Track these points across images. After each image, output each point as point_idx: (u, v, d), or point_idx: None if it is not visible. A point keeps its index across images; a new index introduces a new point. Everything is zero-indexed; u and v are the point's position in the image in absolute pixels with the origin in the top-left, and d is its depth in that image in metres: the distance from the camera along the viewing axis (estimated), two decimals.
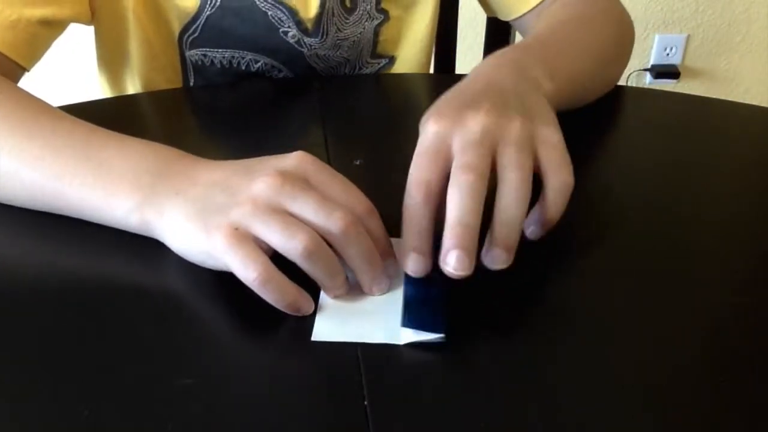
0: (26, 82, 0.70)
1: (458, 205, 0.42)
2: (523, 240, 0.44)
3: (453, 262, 0.41)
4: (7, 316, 0.44)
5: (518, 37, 1.02)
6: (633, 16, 0.74)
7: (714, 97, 0.73)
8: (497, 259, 0.43)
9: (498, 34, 1.00)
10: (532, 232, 0.46)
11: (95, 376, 0.39)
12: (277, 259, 0.42)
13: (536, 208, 0.46)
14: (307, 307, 0.43)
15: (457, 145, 0.45)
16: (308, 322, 0.43)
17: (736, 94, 2.12)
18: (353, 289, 0.45)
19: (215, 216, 0.44)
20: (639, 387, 0.39)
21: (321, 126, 0.65)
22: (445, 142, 0.45)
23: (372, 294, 0.44)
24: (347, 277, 0.44)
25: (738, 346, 0.42)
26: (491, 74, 0.53)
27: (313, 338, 0.42)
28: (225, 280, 0.44)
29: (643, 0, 1.99)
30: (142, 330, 0.43)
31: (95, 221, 0.49)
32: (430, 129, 0.46)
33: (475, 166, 0.43)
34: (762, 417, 0.38)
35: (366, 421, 0.37)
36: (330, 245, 0.43)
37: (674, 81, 2.08)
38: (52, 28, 0.65)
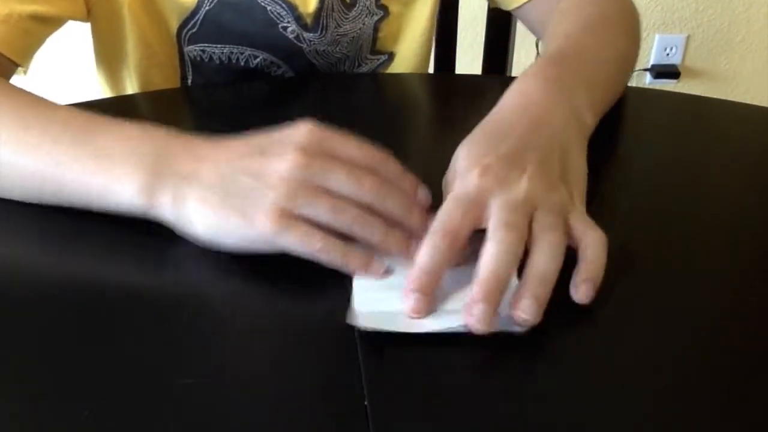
0: (25, 82, 0.70)
1: (494, 258, 0.42)
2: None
3: (477, 314, 0.40)
4: (7, 316, 0.44)
5: (518, 36, 1.02)
6: None
7: (714, 97, 0.73)
8: (527, 309, 0.41)
9: (498, 34, 1.00)
10: (581, 292, 0.43)
11: (95, 376, 0.39)
12: None
13: (579, 268, 0.44)
14: (378, 266, 0.45)
15: (498, 203, 0.45)
16: (309, 321, 0.43)
17: (736, 94, 2.12)
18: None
19: (249, 202, 0.44)
20: (639, 387, 0.39)
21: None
22: (485, 197, 0.45)
23: (406, 252, 0.45)
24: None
25: (738, 346, 0.42)
26: (538, 107, 0.53)
27: (356, 324, 0.41)
28: (225, 280, 0.45)
29: (643, 0, 1.99)
30: (142, 330, 0.43)
31: (99, 208, 0.49)
32: (472, 181, 0.46)
33: (515, 225, 0.43)
34: (762, 417, 0.38)
35: (366, 421, 0.37)
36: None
37: (674, 81, 2.08)
38: (45, 24, 0.65)
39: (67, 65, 1.47)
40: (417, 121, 0.70)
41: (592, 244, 0.45)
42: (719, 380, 0.40)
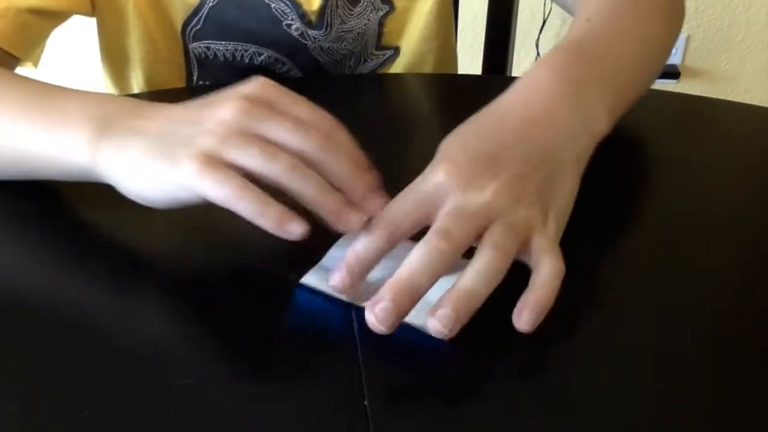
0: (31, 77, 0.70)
1: (414, 265, 0.40)
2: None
3: (379, 313, 0.39)
4: (7, 316, 0.44)
5: (518, 36, 1.02)
6: None
7: (714, 97, 0.72)
8: (443, 319, 0.39)
9: (498, 34, 1.00)
10: (522, 320, 0.40)
11: (95, 376, 0.39)
12: None
13: (524, 295, 0.41)
14: (297, 226, 0.40)
15: (450, 207, 0.42)
16: (308, 321, 0.43)
17: (736, 94, 2.12)
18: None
19: (182, 148, 0.42)
20: (638, 387, 0.39)
21: None
22: (442, 197, 0.43)
23: (371, 213, 0.42)
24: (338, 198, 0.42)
25: (738, 346, 0.42)
26: (539, 105, 0.48)
27: (301, 281, 0.42)
28: (226, 280, 0.45)
29: None
30: (142, 330, 0.43)
31: (46, 171, 0.49)
32: (435, 177, 0.43)
33: (453, 237, 0.40)
34: (762, 417, 0.38)
35: (366, 421, 0.37)
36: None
37: (674, 81, 2.08)
38: (46, 18, 0.65)
39: (73, 61, 1.47)
40: (417, 121, 0.70)
41: (545, 271, 0.41)
42: (719, 380, 0.40)
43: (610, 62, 0.54)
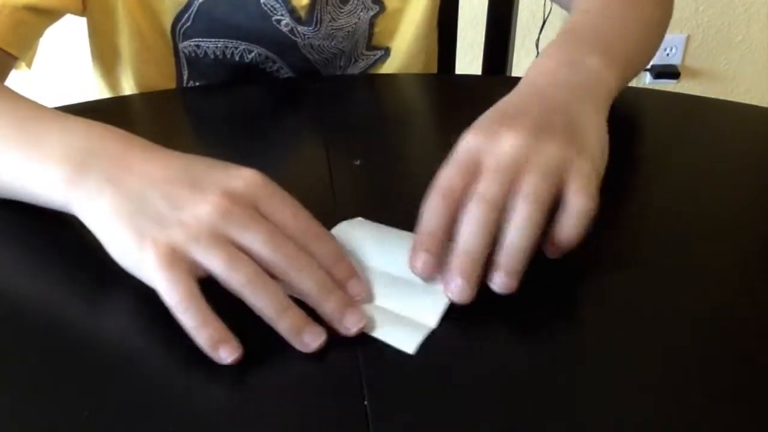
0: (24, 79, 0.70)
1: (467, 235, 0.43)
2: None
3: (455, 290, 0.42)
4: (8, 315, 0.44)
5: (518, 36, 1.02)
6: None
7: (714, 97, 0.72)
8: (500, 284, 0.43)
9: (498, 34, 1.00)
10: (548, 251, 0.45)
11: (95, 376, 0.39)
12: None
13: (552, 229, 0.45)
14: (228, 353, 0.39)
15: (485, 164, 0.45)
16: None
17: (736, 94, 2.12)
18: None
19: (152, 227, 0.42)
20: (638, 387, 0.39)
21: (321, 126, 0.65)
22: (476, 157, 0.45)
23: (347, 332, 0.41)
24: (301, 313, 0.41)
25: (738, 345, 0.42)
26: (545, 79, 0.53)
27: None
28: None
29: None
30: (141, 330, 0.43)
31: (23, 198, 0.49)
32: (463, 142, 0.46)
33: (490, 197, 0.43)
34: (762, 417, 0.38)
35: (366, 421, 0.37)
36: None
37: (674, 81, 2.08)
38: (41, 15, 0.64)
39: (66, 61, 1.47)
40: (417, 121, 0.70)
41: (569, 211, 0.44)
42: (719, 380, 0.40)
43: (608, 37, 0.59)
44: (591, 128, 0.49)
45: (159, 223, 0.42)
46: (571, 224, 0.44)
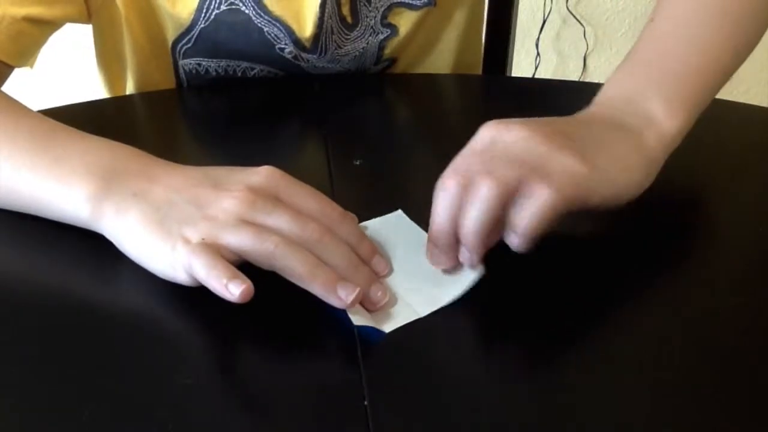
0: (26, 78, 0.70)
1: (473, 214, 0.42)
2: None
3: (466, 261, 0.44)
4: (8, 315, 0.44)
5: (518, 36, 1.02)
6: (633, 17, 0.73)
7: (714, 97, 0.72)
8: (516, 244, 0.43)
9: (498, 34, 1.00)
10: (509, 241, 0.44)
11: (95, 376, 0.39)
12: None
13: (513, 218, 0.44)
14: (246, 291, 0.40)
15: (501, 151, 0.44)
16: (308, 321, 0.43)
17: (736, 94, 2.12)
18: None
19: (181, 227, 0.43)
20: (638, 386, 0.39)
21: (321, 126, 0.65)
22: (495, 145, 0.45)
23: (372, 307, 0.43)
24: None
25: (738, 345, 0.42)
26: (599, 110, 0.51)
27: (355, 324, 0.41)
28: None
29: (643, 0, 2.00)
30: (142, 330, 0.43)
31: (49, 216, 0.49)
32: (479, 133, 0.46)
33: (495, 179, 0.42)
34: (762, 416, 0.38)
35: (366, 421, 0.37)
36: None
37: None
38: (41, 26, 0.64)
39: (72, 63, 1.47)
40: (417, 121, 0.70)
41: (523, 201, 0.43)
42: (719, 380, 0.40)
43: (684, 68, 0.53)
44: (612, 153, 0.47)
45: (187, 223, 0.43)
46: (527, 211, 0.42)
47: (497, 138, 0.45)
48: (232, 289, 0.40)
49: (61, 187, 0.48)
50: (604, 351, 0.42)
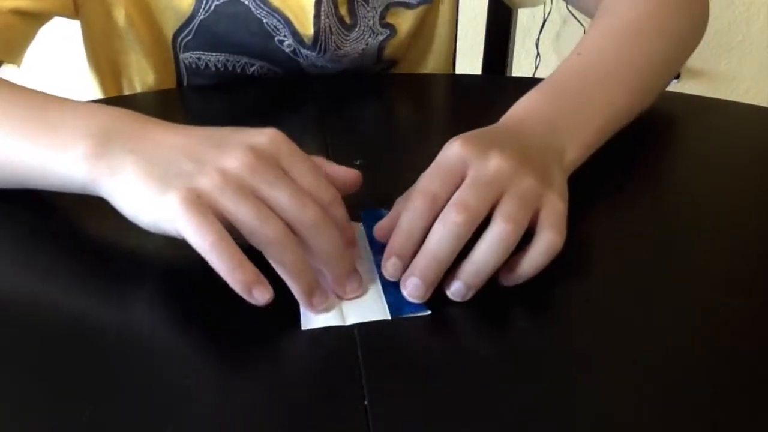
0: (25, 79, 0.70)
1: (435, 239, 0.43)
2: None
3: (410, 287, 0.43)
4: (8, 316, 0.44)
5: (518, 36, 1.02)
6: None
7: (714, 97, 0.73)
8: (457, 292, 0.43)
9: (498, 34, 1.00)
10: (502, 277, 0.44)
11: (95, 376, 0.39)
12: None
13: (518, 257, 0.44)
14: (262, 290, 0.41)
15: (470, 175, 0.44)
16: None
17: (736, 94, 2.12)
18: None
19: (176, 178, 0.42)
20: (638, 386, 0.39)
21: (321, 126, 0.65)
22: (462, 166, 0.45)
23: (345, 296, 0.44)
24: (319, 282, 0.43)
25: (738, 346, 0.42)
26: (527, 116, 0.53)
27: (303, 328, 0.42)
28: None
29: None
30: (141, 330, 0.43)
31: (45, 186, 0.48)
32: (453, 149, 0.46)
33: (471, 207, 0.43)
34: (762, 416, 0.38)
35: (366, 421, 0.37)
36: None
37: (675, 81, 2.08)
38: (29, 19, 0.64)
39: (62, 63, 1.46)
40: (417, 121, 0.70)
41: (537, 245, 0.44)
42: (719, 380, 0.40)
43: (587, 96, 0.56)
44: (559, 176, 0.49)
45: (183, 176, 0.42)
46: (537, 257, 0.44)
47: (474, 162, 0.45)
48: (238, 275, 0.40)
49: (56, 152, 0.47)
50: (604, 351, 0.42)
